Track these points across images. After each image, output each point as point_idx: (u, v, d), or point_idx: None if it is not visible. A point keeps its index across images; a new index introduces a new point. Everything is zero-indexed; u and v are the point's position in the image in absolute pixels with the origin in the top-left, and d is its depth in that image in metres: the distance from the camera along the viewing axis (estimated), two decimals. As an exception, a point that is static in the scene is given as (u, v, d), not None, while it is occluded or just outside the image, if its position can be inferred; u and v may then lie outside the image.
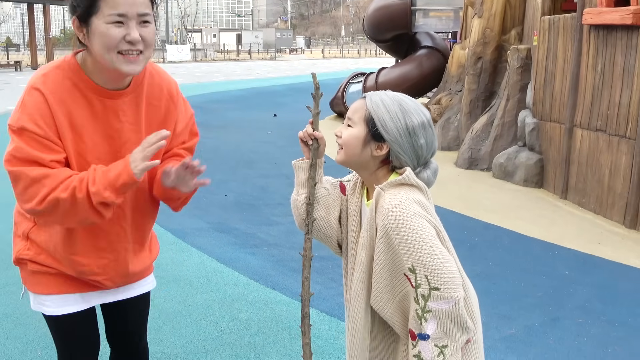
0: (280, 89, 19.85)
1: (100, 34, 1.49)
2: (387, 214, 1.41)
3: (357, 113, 1.54)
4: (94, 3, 1.49)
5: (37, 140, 1.51)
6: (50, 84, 1.55)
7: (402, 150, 1.49)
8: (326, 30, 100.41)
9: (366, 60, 45.46)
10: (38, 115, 1.52)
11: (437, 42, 11.83)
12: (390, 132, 1.49)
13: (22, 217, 1.78)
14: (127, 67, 1.53)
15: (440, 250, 1.40)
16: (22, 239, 1.77)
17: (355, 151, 1.53)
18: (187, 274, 4.02)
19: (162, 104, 1.74)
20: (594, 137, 5.98)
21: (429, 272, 1.38)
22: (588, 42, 6.01)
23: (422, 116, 1.50)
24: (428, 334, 1.39)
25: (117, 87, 1.62)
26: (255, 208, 5.90)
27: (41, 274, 1.75)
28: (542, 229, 5.39)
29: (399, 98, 1.52)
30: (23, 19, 39.90)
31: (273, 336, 3.17)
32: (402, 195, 1.43)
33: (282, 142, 10.05)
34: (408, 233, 1.39)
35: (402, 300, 1.45)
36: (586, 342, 3.28)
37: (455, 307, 1.38)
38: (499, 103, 8.12)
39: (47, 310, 1.78)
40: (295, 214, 1.72)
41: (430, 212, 1.45)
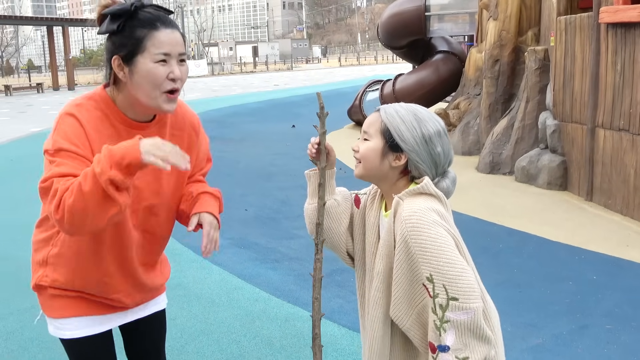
0: (298, 100, 19.92)
1: (146, 72, 1.57)
2: (406, 222, 1.42)
3: (372, 126, 1.54)
4: (140, 43, 1.56)
5: (74, 157, 1.54)
6: (85, 112, 1.61)
7: (421, 159, 1.50)
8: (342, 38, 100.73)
9: (383, 67, 45.43)
10: (74, 135, 1.56)
11: (453, 46, 11.76)
12: (408, 141, 1.50)
13: (41, 243, 1.80)
14: (168, 105, 1.62)
15: (459, 259, 1.40)
16: (40, 265, 1.79)
17: (373, 164, 1.54)
18: (208, 291, 4.02)
19: (185, 134, 1.82)
20: (617, 136, 5.87)
21: (447, 281, 1.37)
22: (606, 40, 5.91)
23: (437, 124, 1.52)
24: (448, 345, 1.37)
25: (144, 120, 1.70)
26: (276, 222, 5.89)
27: (61, 298, 1.77)
28: (567, 232, 5.29)
29: (413, 108, 1.53)
30: (43, 41, 40.81)
31: (295, 353, 3.15)
32: (421, 204, 1.44)
33: (301, 153, 10.05)
34: (426, 241, 1.39)
35: (421, 312, 1.45)
36: (616, 350, 3.20)
37: (474, 318, 1.36)
38: (518, 105, 8.02)
39: (67, 333, 1.79)
40: (307, 222, 1.74)
41: (448, 221, 1.45)
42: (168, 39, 1.58)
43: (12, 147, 11.24)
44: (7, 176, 8.37)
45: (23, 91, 28.70)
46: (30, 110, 19.01)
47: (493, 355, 1.42)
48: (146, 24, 1.57)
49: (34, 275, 1.81)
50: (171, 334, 3.34)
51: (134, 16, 1.58)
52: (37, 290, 1.81)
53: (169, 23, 1.60)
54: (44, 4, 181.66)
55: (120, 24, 1.58)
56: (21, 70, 56.04)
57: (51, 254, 1.76)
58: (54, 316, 1.80)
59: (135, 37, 1.57)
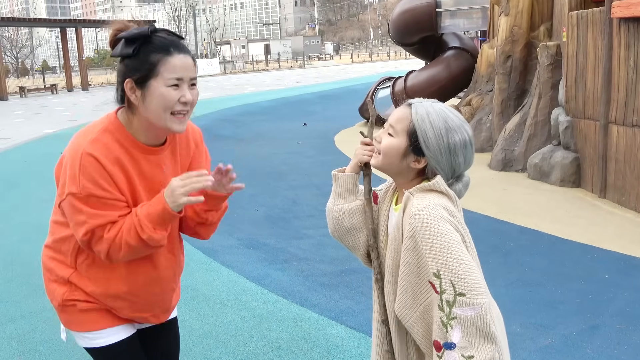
0: (310, 97, 19.91)
1: (159, 96, 1.62)
2: (414, 217, 1.41)
3: (400, 123, 1.51)
4: (154, 68, 1.61)
5: (104, 203, 1.62)
6: (102, 148, 1.64)
7: (440, 167, 1.49)
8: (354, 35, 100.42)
9: (396, 63, 45.24)
10: (100, 178, 1.61)
11: (464, 42, 11.67)
12: (432, 148, 1.48)
13: (56, 262, 1.82)
14: (178, 126, 1.67)
15: (466, 255, 1.39)
16: (60, 283, 1.81)
17: (393, 161, 1.53)
18: (216, 293, 4.04)
19: (190, 152, 1.88)
20: (630, 132, 5.79)
21: (454, 276, 1.36)
22: (619, 35, 5.82)
23: (465, 134, 1.49)
24: (454, 343, 1.35)
25: (158, 144, 1.75)
26: (286, 221, 5.90)
27: (91, 311, 1.81)
28: (580, 230, 5.23)
29: (445, 114, 1.49)
30: (58, 42, 41.21)
31: (302, 355, 3.15)
32: (431, 200, 1.43)
33: (312, 152, 10.06)
34: (434, 237, 1.38)
35: (425, 310, 1.43)
36: (627, 351, 3.15)
37: (480, 314, 1.35)
38: (531, 102, 7.94)
39: (100, 341, 1.83)
40: (330, 222, 1.73)
41: (457, 219, 1.45)
42: (181, 64, 1.63)
43: (26, 148, 11.36)
44: (21, 178, 8.46)
45: (37, 92, 28.99)
46: (44, 111, 19.20)
47: (497, 358, 1.40)
48: (160, 49, 1.62)
49: (55, 294, 1.83)
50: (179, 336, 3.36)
51: (148, 41, 1.62)
52: (63, 307, 1.83)
53: (182, 48, 1.65)
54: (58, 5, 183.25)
55: (135, 49, 1.62)
56: (36, 71, 56.62)
57: (74, 274, 1.79)
58: (86, 330, 1.83)
59: (150, 61, 1.61)
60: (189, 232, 1.95)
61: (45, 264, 1.86)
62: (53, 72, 60.73)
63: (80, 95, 26.07)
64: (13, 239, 5.55)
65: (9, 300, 4.07)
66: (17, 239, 5.51)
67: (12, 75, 56.52)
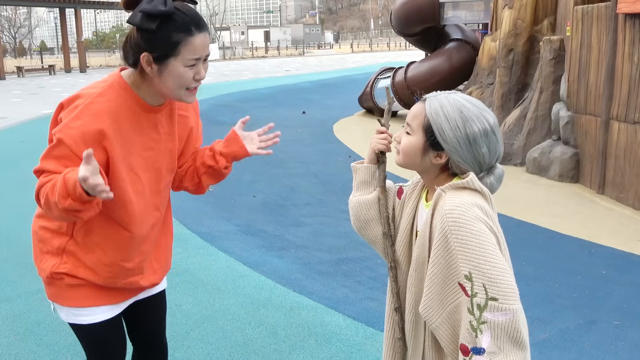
0: (309, 86, 19.83)
1: (177, 75, 1.63)
2: (447, 216, 1.35)
3: (415, 120, 1.47)
4: (176, 47, 1.60)
5: (68, 156, 1.60)
6: (106, 103, 1.65)
7: (463, 160, 1.43)
8: (355, 24, 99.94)
9: (396, 54, 45.09)
10: (82, 132, 1.60)
11: (466, 34, 11.62)
12: (450, 141, 1.42)
13: (50, 232, 1.81)
14: (191, 98, 1.71)
15: (501, 258, 1.33)
16: (54, 254, 1.80)
17: (414, 159, 1.48)
18: (214, 278, 4.02)
19: (190, 114, 1.91)
20: (631, 129, 5.78)
21: (487, 280, 1.30)
22: (624, 31, 5.79)
23: (484, 123, 1.42)
24: (483, 348, 1.30)
25: (158, 103, 1.76)
26: (284, 209, 5.88)
27: (78, 287, 1.80)
28: (578, 226, 5.23)
29: (460, 104, 1.43)
30: (56, 23, 40.83)
31: (299, 342, 3.14)
32: (464, 198, 1.37)
33: (311, 140, 10.03)
34: (468, 237, 1.32)
35: (453, 312, 1.39)
36: (624, 346, 3.16)
37: (512, 320, 1.29)
38: (532, 96, 7.92)
39: (84, 319, 1.83)
40: (351, 214, 1.71)
41: (492, 219, 1.38)
42: (201, 44, 1.62)
43: (23, 128, 11.29)
44: (18, 158, 8.41)
45: (35, 73, 28.79)
46: (41, 92, 19.07)
47: None
48: (182, 28, 1.59)
49: (44, 265, 1.81)
50: (176, 320, 3.35)
51: (170, 17, 1.59)
52: (50, 280, 1.81)
53: (202, 26, 1.63)
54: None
55: (157, 25, 1.58)
56: (34, 51, 56.22)
57: (70, 242, 1.78)
58: (71, 305, 1.82)
59: (172, 41, 1.59)
60: (190, 183, 1.96)
61: (38, 233, 1.84)
62: (51, 53, 60.29)
63: (78, 77, 25.90)
64: (9, 218, 5.52)
65: (4, 280, 4.05)
66: (13, 219, 5.47)
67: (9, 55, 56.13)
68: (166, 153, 1.83)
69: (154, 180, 1.81)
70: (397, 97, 11.80)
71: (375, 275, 4.08)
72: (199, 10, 17.59)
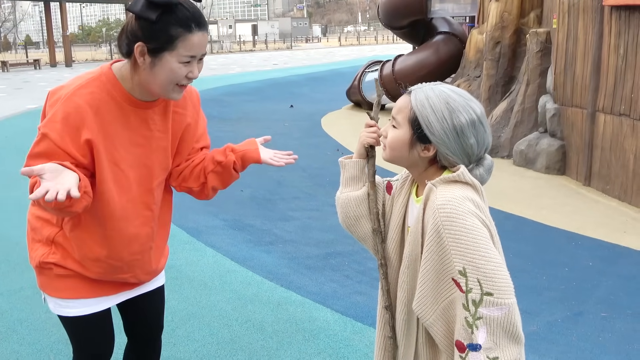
0: (297, 79, 19.75)
1: (169, 70, 1.59)
2: (439, 211, 1.32)
3: (401, 113, 1.44)
4: (173, 42, 1.56)
5: (53, 150, 1.57)
6: (88, 95, 1.61)
7: (451, 152, 1.40)
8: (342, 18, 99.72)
9: (383, 47, 45.05)
10: (66, 125, 1.57)
11: (454, 27, 11.61)
12: (437, 134, 1.39)
13: (42, 221, 1.79)
14: (177, 95, 1.66)
15: (495, 253, 1.31)
16: (44, 243, 1.79)
17: (401, 153, 1.45)
18: (201, 274, 3.98)
19: (188, 112, 1.85)
20: (617, 121, 5.80)
21: (481, 275, 1.28)
22: (609, 23, 5.80)
23: (471, 113, 1.39)
24: (479, 344, 1.28)
25: (149, 99, 1.71)
26: (271, 203, 5.85)
27: (67, 278, 1.78)
28: (564, 217, 5.25)
29: (446, 95, 1.40)
30: (41, 17, 40.33)
31: (287, 338, 3.11)
32: (456, 192, 1.34)
33: (299, 134, 9.98)
34: (461, 232, 1.30)
35: (447, 308, 1.36)
36: (611, 338, 3.17)
37: (508, 314, 1.27)
38: (518, 88, 7.93)
39: (72, 311, 1.81)
40: (338, 211, 1.67)
41: (484, 212, 1.36)
42: (198, 43, 1.59)
43: (7, 124, 11.12)
44: (2, 153, 8.29)
45: (20, 67, 28.40)
46: (26, 86, 18.83)
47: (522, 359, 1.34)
48: (182, 23, 1.56)
49: (34, 253, 1.81)
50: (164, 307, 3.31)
51: (171, 10, 1.55)
52: (40, 269, 1.81)
53: (202, 24, 1.59)
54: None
55: (158, 16, 1.54)
56: (19, 46, 55.50)
57: (59, 233, 1.76)
58: (59, 296, 1.81)
59: (169, 34, 1.55)
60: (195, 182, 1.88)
61: (31, 222, 1.82)
62: (36, 48, 59.53)
63: (63, 71, 25.60)
64: (-8, 215, 5.43)
65: (-14, 278, 3.99)
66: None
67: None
68: (159, 151, 1.77)
69: (144, 177, 1.76)
70: (384, 91, 11.77)
71: (363, 270, 4.06)
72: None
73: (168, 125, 1.79)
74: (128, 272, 1.83)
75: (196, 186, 1.89)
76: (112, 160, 1.67)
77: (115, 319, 1.98)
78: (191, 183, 1.89)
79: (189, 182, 1.89)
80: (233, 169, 1.85)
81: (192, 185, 1.89)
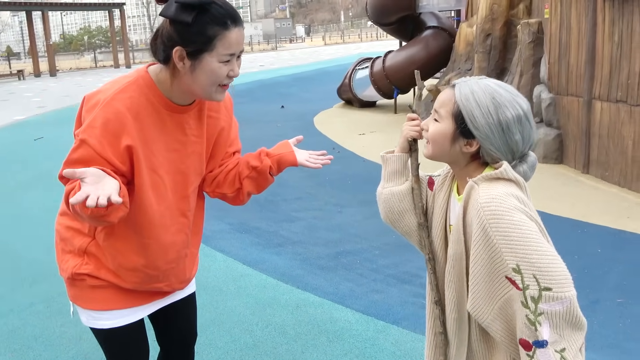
0: (285, 80, 19.71)
1: (210, 71, 1.56)
2: (483, 209, 1.30)
3: (444, 106, 1.41)
4: (211, 42, 1.53)
5: (91, 156, 1.53)
6: (127, 100, 1.59)
7: (495, 147, 1.37)
8: (325, 17, 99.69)
9: (368, 45, 45.10)
10: (105, 131, 1.54)
11: (442, 21, 11.64)
12: (481, 129, 1.36)
13: (73, 231, 1.75)
14: (220, 96, 1.63)
15: (547, 246, 1.28)
16: (76, 254, 1.75)
17: (443, 148, 1.42)
18: (214, 280, 3.95)
19: (221, 115, 1.82)
20: (614, 108, 5.84)
21: (537, 270, 1.25)
22: (603, 11, 5.84)
23: (517, 109, 1.36)
24: (545, 340, 1.26)
25: (186, 103, 1.68)
26: (274, 204, 5.82)
27: (101, 289, 1.74)
28: (566, 206, 5.28)
29: (492, 89, 1.37)
30: (22, 27, 39.91)
31: (311, 341, 3.09)
32: (499, 189, 1.32)
33: (293, 134, 9.78)
34: (509, 229, 1.27)
35: (504, 306, 1.33)
36: (631, 324, 3.19)
37: (570, 307, 1.25)
38: (511, 79, 7.96)
39: (106, 323, 1.78)
40: (380, 207, 1.64)
41: (530, 208, 1.33)
42: (236, 39, 1.56)
43: (-3, 137, 11.00)
44: (-5, 167, 8.19)
45: (3, 78, 28.07)
46: (12, 98, 18.61)
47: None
48: (218, 21, 1.52)
49: (65, 265, 1.77)
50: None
51: (206, 9, 1.52)
52: (72, 281, 1.76)
53: (237, 20, 1.57)
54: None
55: (193, 18, 1.51)
56: (0, 57, 54.90)
57: (92, 243, 1.72)
58: (92, 308, 1.77)
59: (207, 35, 1.52)
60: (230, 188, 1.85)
61: (60, 233, 1.78)
62: (18, 58, 58.89)
63: (48, 81, 25.34)
64: (-7, 230, 5.36)
65: (-5, 294, 3.93)
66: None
67: (-27, 62, 54.62)
68: (194, 156, 1.74)
69: (180, 184, 1.72)
70: (375, 87, 11.78)
71: (376, 267, 4.06)
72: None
73: (203, 130, 1.76)
74: (164, 280, 1.80)
75: (231, 192, 1.86)
76: (151, 166, 1.64)
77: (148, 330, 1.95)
78: (226, 189, 1.86)
79: (223, 187, 1.86)
80: (269, 173, 1.83)
81: (227, 191, 1.86)
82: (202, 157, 1.77)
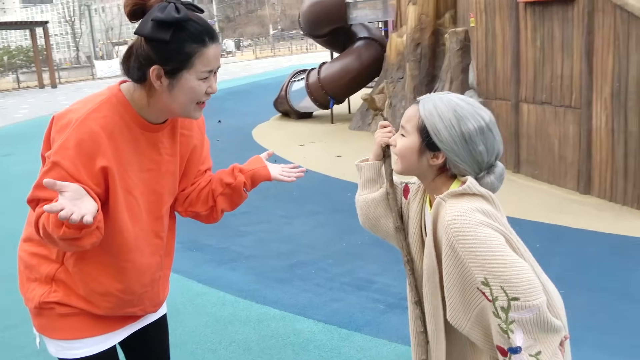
0: (219, 94, 19.16)
1: (189, 88, 1.54)
2: (450, 227, 1.35)
3: (410, 122, 1.48)
4: (190, 59, 1.51)
5: (65, 178, 1.45)
6: (101, 119, 1.53)
7: (460, 159, 1.43)
8: (254, 30, 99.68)
9: (299, 57, 45.37)
10: (79, 152, 1.49)
11: (373, 32, 11.95)
12: (445, 141, 1.42)
13: (39, 258, 1.67)
14: (198, 113, 1.62)
15: (512, 257, 1.32)
16: (42, 282, 1.67)
17: (411, 162, 1.48)
18: (170, 300, 3.81)
19: (194, 133, 1.80)
20: (540, 110, 6.19)
21: (504, 282, 1.30)
22: (525, 18, 6.20)
23: (479, 121, 1.42)
24: (519, 346, 1.31)
25: (159, 121, 1.66)
26: (222, 220, 5.65)
27: (71, 316, 1.68)
28: (501, 204, 5.52)
29: (454, 103, 1.44)
30: None
31: (277, 355, 3.11)
32: (464, 205, 1.37)
33: (233, 148, 9.91)
34: (475, 244, 1.32)
35: (480, 314, 1.39)
36: (574, 314, 3.34)
37: (539, 313, 1.31)
38: (442, 86, 8.28)
39: (76, 352, 1.71)
40: (359, 214, 1.71)
41: (497, 219, 1.38)
42: (214, 56, 1.55)
43: None
44: None
45: None
46: None
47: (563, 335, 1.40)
48: (196, 38, 1.51)
49: (30, 294, 1.69)
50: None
51: (183, 26, 1.49)
52: (39, 310, 1.68)
53: (214, 36, 1.55)
54: None
55: (171, 35, 1.48)
56: None
57: (60, 269, 1.66)
58: (62, 338, 1.70)
59: (185, 52, 1.50)
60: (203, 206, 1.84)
61: (25, 260, 1.70)
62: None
63: None
64: None
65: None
66: None
67: None
68: (168, 175, 1.71)
69: (154, 204, 1.69)
70: (312, 98, 11.91)
71: (331, 276, 4.13)
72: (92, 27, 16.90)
73: (176, 148, 1.73)
74: (138, 305, 1.76)
75: (204, 210, 1.85)
76: (126, 187, 1.60)
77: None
78: (199, 207, 1.84)
79: (196, 206, 1.84)
80: (243, 189, 1.84)
81: (200, 210, 1.84)
82: (175, 176, 1.76)
